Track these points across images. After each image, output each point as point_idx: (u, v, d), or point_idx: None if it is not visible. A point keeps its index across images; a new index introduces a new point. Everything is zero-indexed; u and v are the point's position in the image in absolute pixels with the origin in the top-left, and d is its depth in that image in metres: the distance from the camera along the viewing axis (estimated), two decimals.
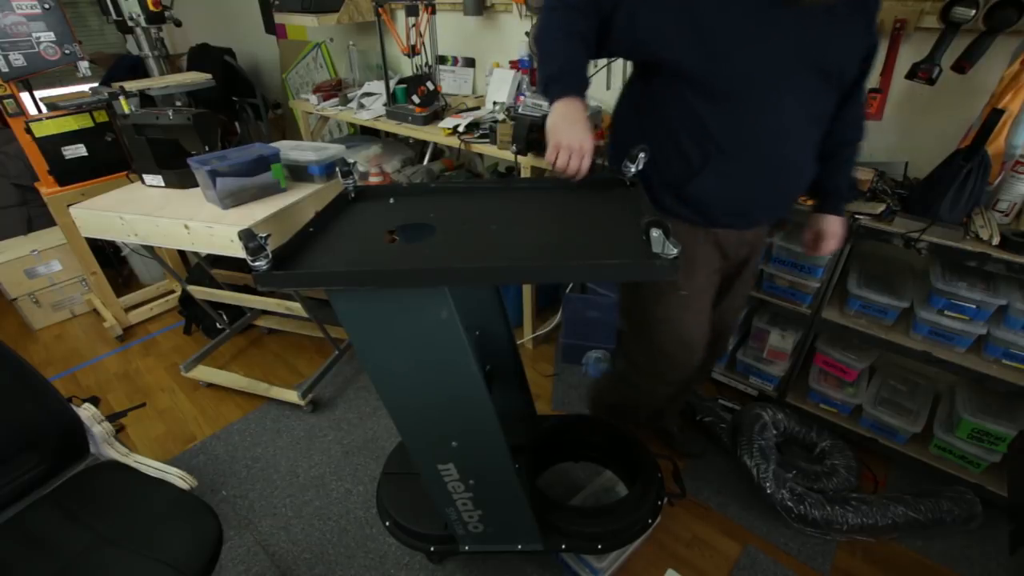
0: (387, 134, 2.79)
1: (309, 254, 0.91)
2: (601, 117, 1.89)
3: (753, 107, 1.00)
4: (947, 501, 1.50)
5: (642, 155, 1.03)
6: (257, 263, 0.79)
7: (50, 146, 2.12)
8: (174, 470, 1.29)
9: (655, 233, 0.75)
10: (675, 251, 0.75)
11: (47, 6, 2.01)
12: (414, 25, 2.23)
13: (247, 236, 0.78)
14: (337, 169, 1.13)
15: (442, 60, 2.54)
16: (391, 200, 1.13)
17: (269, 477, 1.79)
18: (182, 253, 2.70)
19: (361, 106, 2.44)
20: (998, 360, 1.42)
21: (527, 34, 2.12)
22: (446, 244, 0.93)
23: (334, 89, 2.65)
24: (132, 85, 2.23)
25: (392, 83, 2.28)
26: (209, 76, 2.49)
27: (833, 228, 1.26)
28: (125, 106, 2.02)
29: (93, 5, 3.58)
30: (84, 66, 2.15)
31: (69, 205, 1.75)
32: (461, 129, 2.05)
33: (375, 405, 2.05)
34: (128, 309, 2.62)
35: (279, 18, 2.67)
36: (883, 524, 1.49)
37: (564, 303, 2.17)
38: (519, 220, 1.01)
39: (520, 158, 1.82)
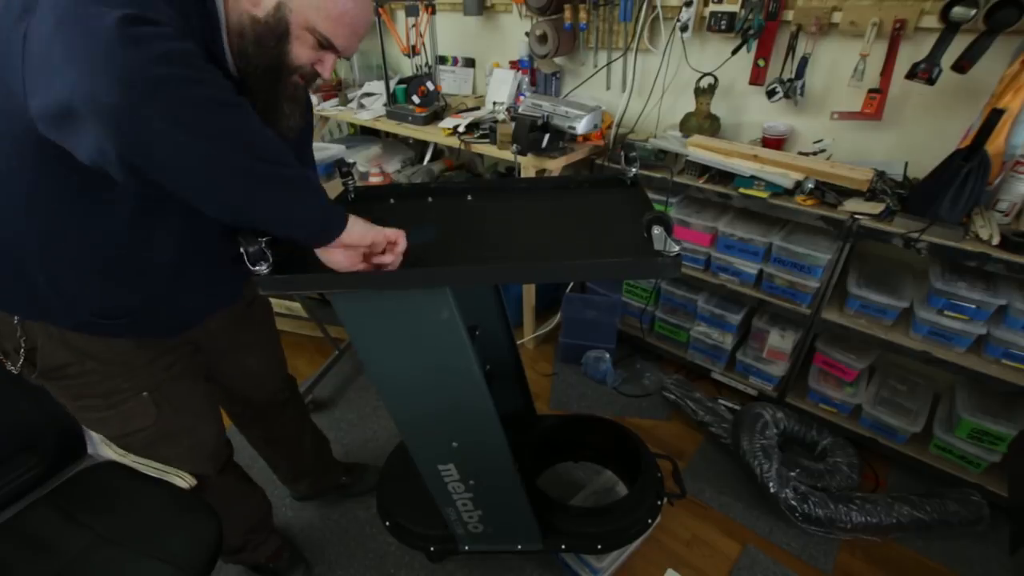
0: (387, 134, 2.79)
1: (310, 256, 0.90)
2: (601, 116, 1.89)
3: None
4: (953, 503, 1.50)
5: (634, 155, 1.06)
6: (258, 268, 0.79)
7: None
8: (173, 469, 1.28)
9: (656, 231, 0.75)
10: (676, 248, 0.75)
11: None
12: (414, 25, 2.24)
13: (247, 240, 0.77)
14: (337, 169, 1.12)
15: (442, 60, 2.54)
16: (391, 200, 1.13)
17: (269, 477, 1.79)
18: None
19: (361, 106, 2.44)
20: (998, 360, 1.42)
21: (527, 34, 2.12)
22: (446, 244, 0.93)
23: (334, 89, 2.65)
24: None
25: (392, 83, 2.28)
26: None
27: None
28: None
29: None
30: None
31: None
32: (461, 129, 2.05)
33: (375, 405, 2.05)
34: None
35: None
36: (887, 523, 1.49)
37: (564, 303, 2.17)
38: (519, 220, 1.01)
39: (520, 158, 1.82)
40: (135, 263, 0.83)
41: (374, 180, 2.33)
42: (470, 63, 2.53)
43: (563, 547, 1.30)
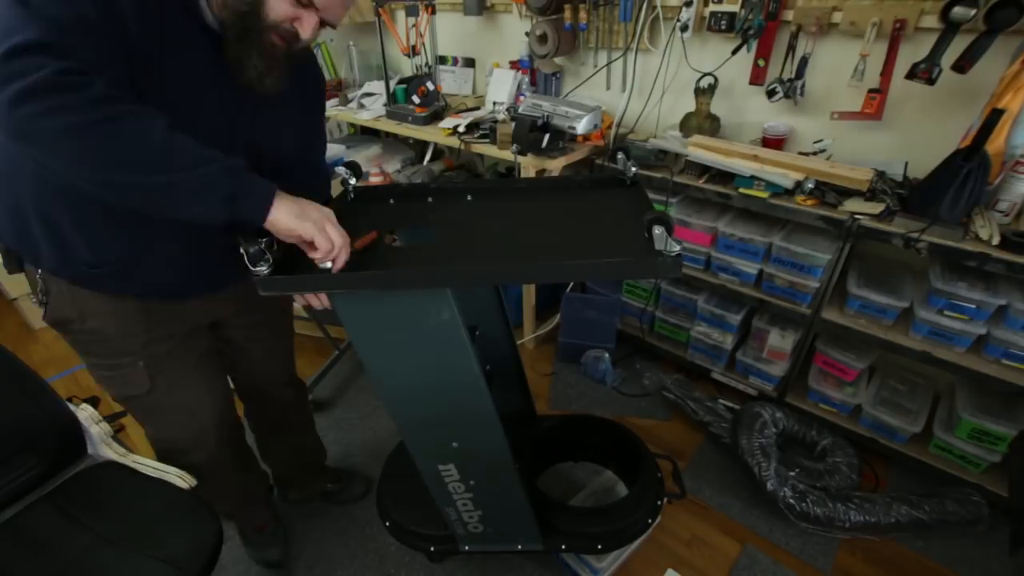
0: (387, 134, 2.79)
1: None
2: (601, 116, 1.89)
3: None
4: (952, 502, 1.50)
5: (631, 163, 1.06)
6: (258, 268, 0.79)
7: None
8: (173, 469, 1.28)
9: (657, 230, 0.75)
10: (677, 248, 0.75)
11: None
12: (414, 25, 2.23)
13: (246, 241, 0.77)
14: (336, 169, 1.12)
15: (442, 60, 2.54)
16: (391, 200, 1.13)
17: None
18: None
19: (361, 106, 2.44)
20: (998, 360, 1.42)
21: (527, 34, 2.12)
22: (447, 245, 0.93)
23: (334, 89, 2.65)
24: None
25: (392, 83, 2.28)
26: None
27: None
28: None
29: None
30: None
31: None
32: (461, 129, 2.04)
33: (375, 405, 2.05)
34: None
35: None
36: (886, 523, 1.49)
37: (564, 303, 2.17)
38: (519, 220, 1.01)
39: (520, 158, 1.82)
40: (118, 209, 0.81)
41: (374, 180, 2.33)
42: (470, 63, 2.53)
43: (563, 547, 1.30)
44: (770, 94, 1.66)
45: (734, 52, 1.70)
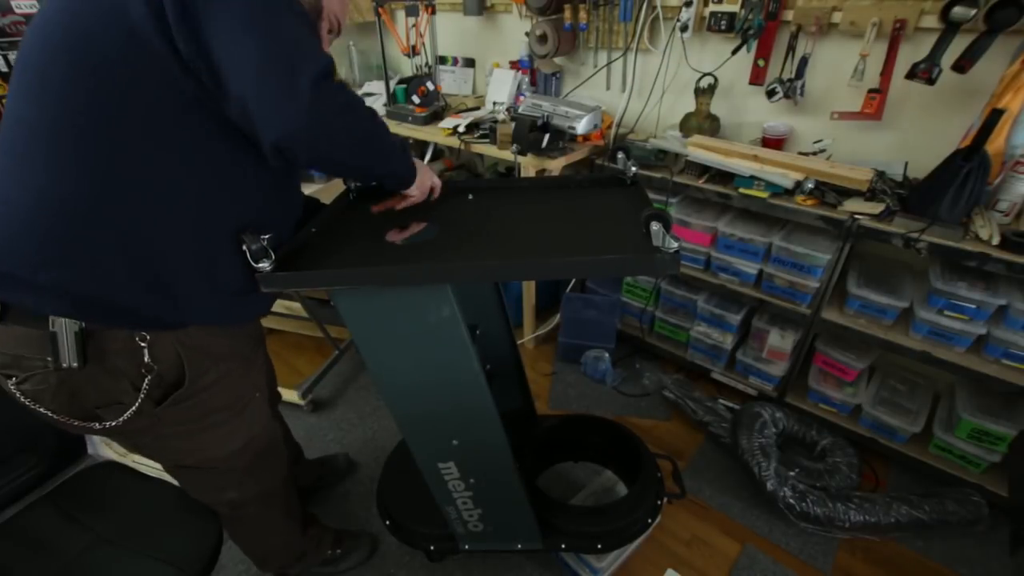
0: None
1: (312, 254, 0.91)
2: (601, 116, 1.89)
3: None
4: (952, 502, 1.50)
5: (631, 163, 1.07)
6: (260, 265, 0.79)
7: None
8: None
9: (655, 227, 0.75)
10: (675, 244, 0.75)
11: None
12: (414, 25, 2.24)
13: (250, 238, 0.78)
14: None
15: (442, 60, 2.55)
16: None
17: None
18: None
19: None
20: (998, 360, 1.42)
21: (527, 34, 2.12)
22: (447, 243, 0.93)
23: None
24: None
25: (392, 83, 2.28)
26: None
27: None
28: None
29: None
30: None
31: None
32: (461, 129, 2.05)
33: (375, 405, 2.05)
34: None
35: None
36: (886, 523, 1.49)
37: (564, 302, 2.17)
38: (519, 219, 1.01)
39: (520, 158, 1.82)
40: (273, 222, 0.86)
41: None
42: (470, 63, 2.53)
43: (563, 547, 1.30)
44: (770, 94, 1.66)
45: (734, 52, 1.70)
